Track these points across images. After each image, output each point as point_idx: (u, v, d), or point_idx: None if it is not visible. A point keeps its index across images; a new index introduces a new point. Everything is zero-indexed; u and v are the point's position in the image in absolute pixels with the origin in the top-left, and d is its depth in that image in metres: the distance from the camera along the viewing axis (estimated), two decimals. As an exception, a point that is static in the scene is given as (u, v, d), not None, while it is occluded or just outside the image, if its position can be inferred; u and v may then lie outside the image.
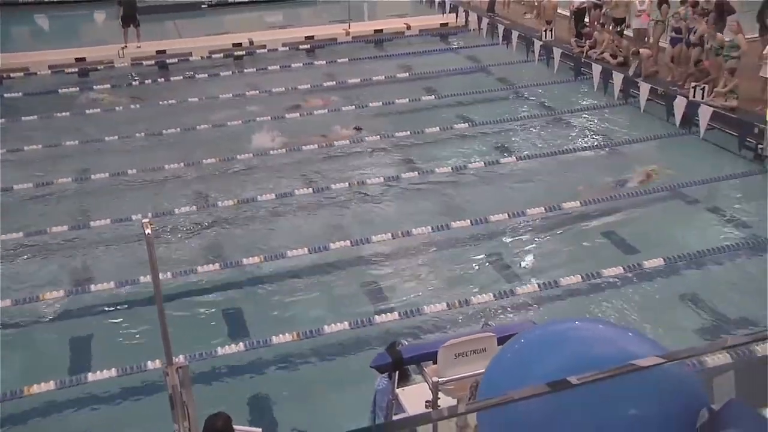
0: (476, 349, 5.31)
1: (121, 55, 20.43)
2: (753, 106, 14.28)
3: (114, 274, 10.39)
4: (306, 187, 13.00)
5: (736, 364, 7.78)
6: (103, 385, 8.32)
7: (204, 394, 7.62)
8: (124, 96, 18.07)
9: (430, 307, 9.41)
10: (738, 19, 15.60)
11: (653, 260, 10.24)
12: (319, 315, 9.53)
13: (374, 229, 11.46)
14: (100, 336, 9.40)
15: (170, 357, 4.33)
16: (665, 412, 3.32)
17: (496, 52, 20.82)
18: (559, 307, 9.63)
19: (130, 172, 13.71)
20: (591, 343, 3.68)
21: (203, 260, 10.87)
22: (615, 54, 17.58)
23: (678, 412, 3.33)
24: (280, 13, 27.32)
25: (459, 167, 13.61)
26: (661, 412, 3.32)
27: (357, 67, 20.00)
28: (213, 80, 19.33)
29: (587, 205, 11.96)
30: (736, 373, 4.11)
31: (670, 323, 9.20)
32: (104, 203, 12.79)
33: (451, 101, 17.12)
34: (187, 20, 25.57)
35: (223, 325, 9.54)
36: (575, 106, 16.86)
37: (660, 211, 12.10)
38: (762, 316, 9.06)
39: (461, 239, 11.35)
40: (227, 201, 12.49)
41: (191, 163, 14.10)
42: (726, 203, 12.24)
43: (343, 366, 8.65)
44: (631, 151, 14.31)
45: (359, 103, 17.02)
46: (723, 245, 10.66)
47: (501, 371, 3.83)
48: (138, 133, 15.52)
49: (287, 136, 15.19)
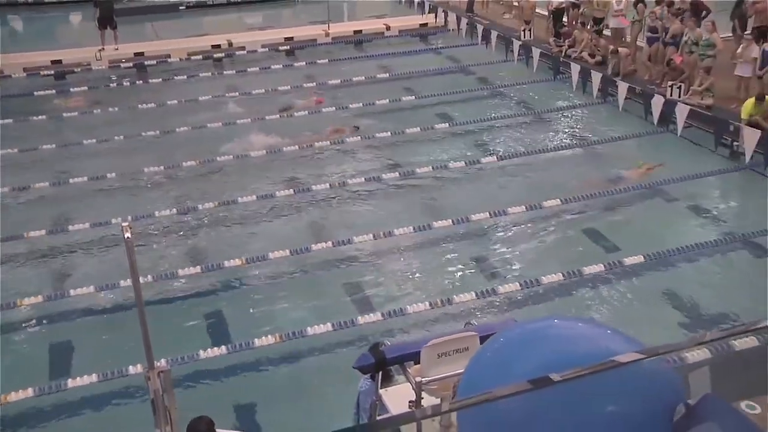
0: (459, 348, 5.31)
1: (98, 58, 20.26)
2: (728, 104, 14.47)
3: (94, 279, 10.29)
4: (287, 189, 12.96)
5: (715, 359, 7.89)
6: (83, 391, 8.24)
7: (186, 398, 7.58)
8: (82, 100, 17.87)
9: (412, 307, 9.43)
10: (713, 18, 15.80)
11: (633, 257, 10.32)
12: (302, 317, 9.51)
13: (356, 230, 11.46)
14: (81, 341, 9.31)
15: (152, 361, 4.29)
16: (643, 408, 3.35)
17: (476, 52, 20.90)
18: (541, 305, 9.69)
19: (108, 176, 13.60)
20: (570, 340, 3.70)
21: (184, 263, 10.80)
22: (593, 53, 17.72)
23: (656, 407, 3.36)
24: (259, 14, 27.23)
25: (440, 167, 13.65)
26: (639, 408, 3.35)
27: (337, 68, 19.99)
28: (192, 82, 19.23)
29: (568, 203, 12.04)
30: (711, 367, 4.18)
31: (650, 319, 9.27)
32: (83, 207, 12.67)
33: (432, 101, 17.15)
34: (165, 22, 25.42)
35: (205, 329, 9.49)
36: (554, 106, 16.97)
37: (640, 208, 12.21)
38: (741, 312, 9.17)
39: (443, 239, 11.37)
40: (208, 203, 12.42)
41: (171, 165, 14.01)
42: (704, 200, 12.37)
43: (326, 367, 8.63)
44: (610, 149, 14.42)
45: (339, 104, 17.01)
46: (701, 242, 10.76)
47: (480, 370, 3.84)
48: (117, 136, 15.40)
49: (270, 137, 15.16)
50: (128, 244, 4.00)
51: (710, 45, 14.70)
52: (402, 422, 3.03)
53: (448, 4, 23.87)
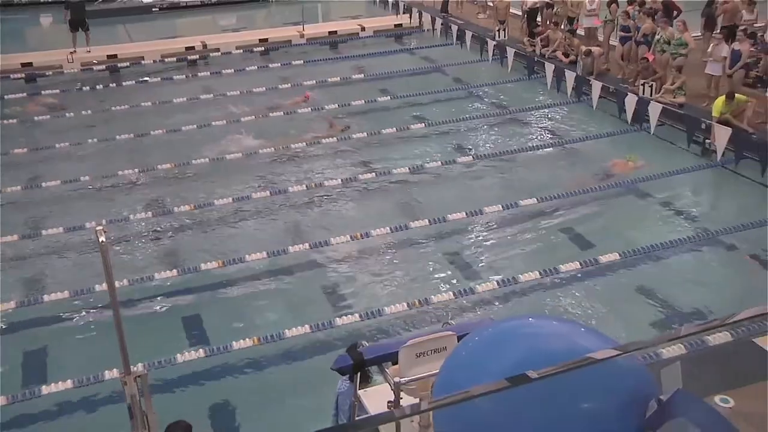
0: (437, 348, 5.33)
1: (70, 60, 20.04)
2: (699, 102, 14.67)
3: (68, 284, 10.17)
4: (263, 191, 12.91)
5: (690, 354, 8.00)
6: (59, 397, 8.13)
7: (164, 403, 7.52)
8: (41, 104, 17.65)
9: (390, 307, 9.43)
10: (684, 18, 16.01)
11: (609, 255, 10.41)
12: (280, 319, 9.48)
13: (333, 231, 11.45)
14: (55, 347, 9.20)
15: (128, 366, 4.26)
16: (615, 404, 3.39)
17: (451, 52, 20.98)
18: (519, 303, 9.74)
19: (82, 179, 13.46)
20: (544, 339, 3.73)
21: (161, 266, 10.71)
22: (567, 53, 17.87)
23: (628, 403, 3.40)
24: (233, 16, 27.11)
25: (416, 167, 13.67)
26: (611, 405, 3.39)
27: (312, 69, 19.95)
28: (166, 84, 19.09)
29: (543, 202, 12.12)
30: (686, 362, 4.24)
31: (626, 316, 9.38)
32: (56, 211, 12.53)
33: (407, 102, 17.19)
34: (138, 24, 25.21)
35: (183, 332, 9.42)
36: (529, 105, 17.07)
37: (614, 206, 12.33)
38: (715, 307, 9.30)
39: (420, 239, 11.39)
40: (184, 206, 12.34)
41: (146, 168, 13.90)
42: (677, 197, 12.51)
43: (305, 369, 8.61)
44: (585, 147, 14.54)
45: (315, 105, 16.99)
46: (675, 239, 10.89)
47: (455, 370, 3.85)
48: (90, 139, 15.25)
49: (247, 138, 15.12)
50: (103, 247, 3.97)
51: (682, 44, 14.88)
52: (380, 422, 3.03)
53: (422, 5, 23.93)
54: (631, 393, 3.45)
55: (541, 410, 3.29)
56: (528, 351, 3.57)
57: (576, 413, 3.34)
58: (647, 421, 3.34)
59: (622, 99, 15.28)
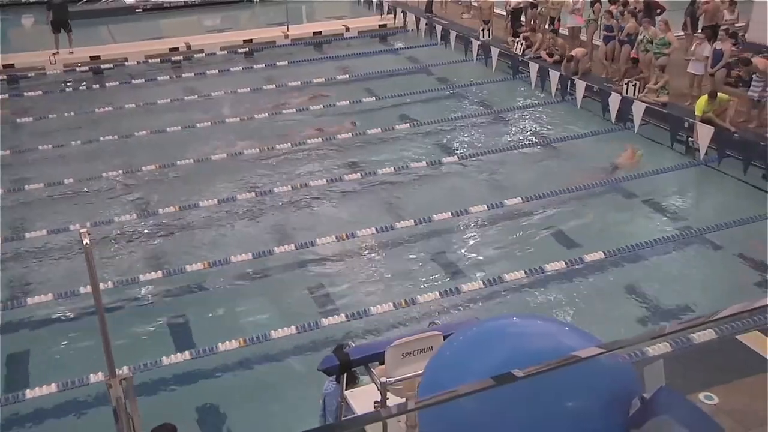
0: (423, 348, 5.33)
1: (53, 62, 19.87)
2: (683, 101, 14.78)
3: (52, 287, 10.10)
4: (249, 192, 12.87)
5: (675, 352, 8.05)
6: (43, 401, 8.07)
7: (150, 406, 7.48)
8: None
9: (376, 307, 9.43)
10: (666, 18, 16.12)
11: (594, 254, 10.46)
12: (266, 320, 9.45)
13: (318, 232, 11.44)
14: (39, 351, 9.12)
15: (113, 369, 4.22)
16: (599, 402, 3.41)
17: (435, 52, 21.00)
18: (505, 303, 9.77)
19: (66, 182, 13.36)
20: (528, 338, 3.75)
21: (146, 268, 10.65)
22: (551, 52, 17.94)
23: (611, 402, 3.42)
24: (217, 16, 27.01)
25: (402, 167, 13.68)
26: (594, 403, 3.40)
27: (297, 69, 19.92)
28: (150, 86, 18.98)
29: (529, 202, 12.17)
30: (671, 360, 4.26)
31: (611, 315, 9.43)
32: (40, 214, 12.42)
33: (392, 102, 17.19)
34: (122, 25, 25.04)
35: (168, 334, 9.37)
36: (514, 104, 17.14)
37: (599, 205, 12.39)
38: (700, 304, 9.37)
39: (406, 239, 11.40)
40: (168, 208, 12.27)
41: (130, 170, 13.82)
42: (661, 196, 12.59)
43: (291, 370, 8.60)
44: (570, 146, 14.60)
45: (300, 106, 16.95)
46: (660, 237, 10.97)
47: (440, 370, 3.86)
48: (74, 141, 15.13)
49: (232, 139, 15.07)
50: (87, 250, 3.94)
51: (665, 44, 14.99)
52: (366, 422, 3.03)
53: (407, 5, 23.95)
54: (615, 391, 3.46)
55: (524, 409, 3.30)
56: (512, 350, 3.57)
57: (559, 412, 3.36)
58: (631, 419, 3.35)
59: (606, 98, 15.36)
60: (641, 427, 3.26)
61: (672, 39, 15.07)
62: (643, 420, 3.27)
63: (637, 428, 3.27)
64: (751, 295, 9.19)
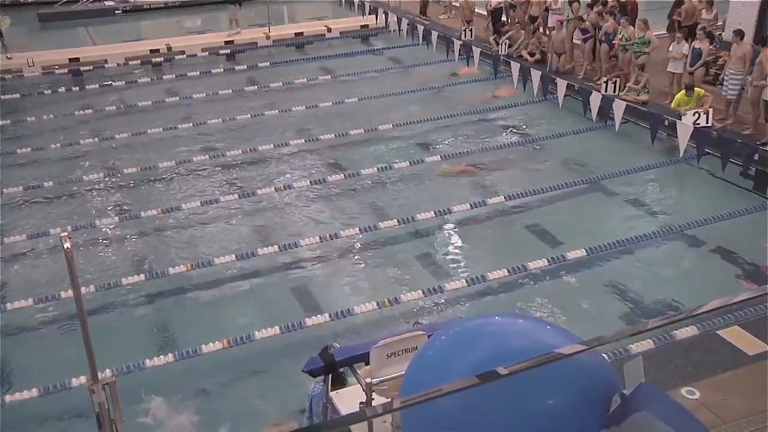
0: (408, 348, 5.35)
1: (30, 64, 19.68)
2: (663, 99, 14.90)
3: (32, 291, 10.00)
4: (231, 194, 12.83)
5: (657, 348, 8.12)
6: (23, 407, 7.99)
7: (133, 410, 7.44)
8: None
9: (360, 307, 9.43)
10: (645, 17, 16.23)
11: (576, 251, 10.53)
12: (250, 321, 9.42)
13: (302, 233, 11.42)
14: (19, 356, 9.03)
15: (95, 373, 4.20)
16: (578, 400, 3.42)
17: (417, 52, 21.03)
18: (488, 301, 9.81)
19: (45, 185, 13.24)
20: (509, 337, 3.76)
21: (128, 271, 10.59)
22: (532, 52, 18.03)
23: (591, 399, 3.43)
24: (198, 18, 26.87)
25: (384, 168, 13.68)
26: (574, 401, 3.41)
27: (279, 70, 19.87)
28: (131, 88, 18.86)
29: (511, 200, 12.22)
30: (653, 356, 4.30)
31: (594, 312, 9.50)
32: (19, 218, 12.31)
33: (375, 102, 17.18)
34: (101, 27, 24.83)
35: (151, 337, 9.33)
36: (496, 104, 17.18)
37: (581, 203, 12.46)
38: (681, 300, 9.46)
39: (389, 239, 11.41)
40: (150, 210, 12.20)
41: (111, 172, 13.72)
42: (643, 194, 12.69)
43: (275, 372, 8.58)
44: (552, 145, 14.68)
45: (282, 107, 16.92)
46: (641, 234, 11.05)
47: (421, 370, 3.86)
48: (53, 144, 14.99)
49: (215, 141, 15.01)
50: (68, 254, 3.91)
51: (645, 42, 15.10)
52: (351, 422, 3.03)
53: (388, 5, 23.94)
54: (595, 388, 3.47)
55: (504, 408, 3.31)
56: (492, 349, 3.58)
57: (539, 410, 3.37)
58: (610, 416, 3.36)
59: (587, 97, 15.45)
60: (621, 424, 3.27)
61: (652, 37, 15.18)
62: (623, 417, 3.28)
63: (617, 425, 3.28)
64: (731, 290, 9.29)
